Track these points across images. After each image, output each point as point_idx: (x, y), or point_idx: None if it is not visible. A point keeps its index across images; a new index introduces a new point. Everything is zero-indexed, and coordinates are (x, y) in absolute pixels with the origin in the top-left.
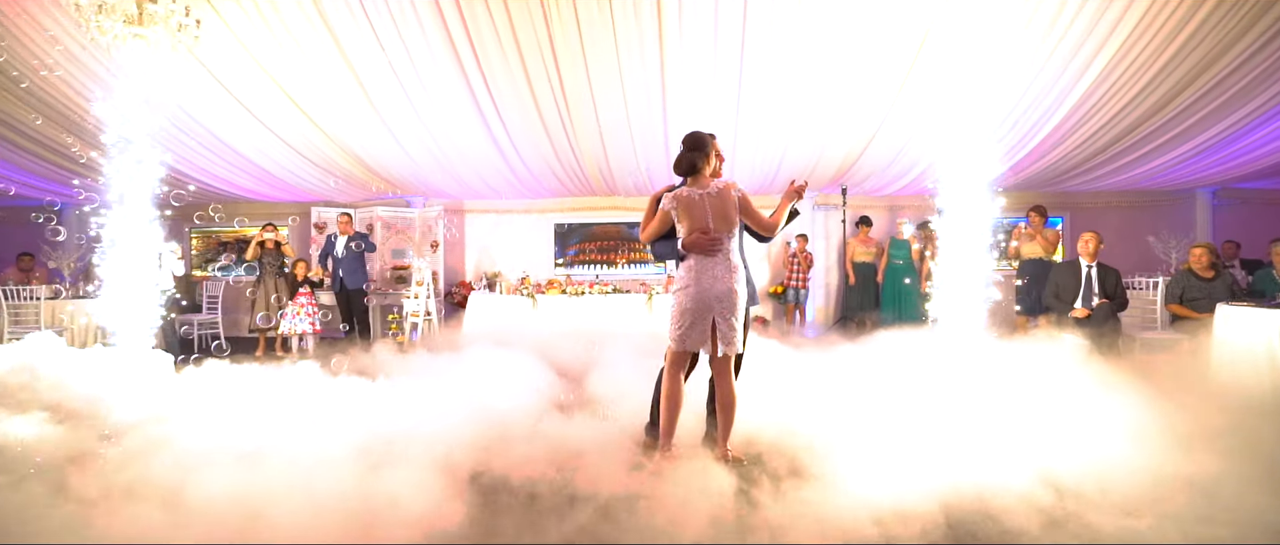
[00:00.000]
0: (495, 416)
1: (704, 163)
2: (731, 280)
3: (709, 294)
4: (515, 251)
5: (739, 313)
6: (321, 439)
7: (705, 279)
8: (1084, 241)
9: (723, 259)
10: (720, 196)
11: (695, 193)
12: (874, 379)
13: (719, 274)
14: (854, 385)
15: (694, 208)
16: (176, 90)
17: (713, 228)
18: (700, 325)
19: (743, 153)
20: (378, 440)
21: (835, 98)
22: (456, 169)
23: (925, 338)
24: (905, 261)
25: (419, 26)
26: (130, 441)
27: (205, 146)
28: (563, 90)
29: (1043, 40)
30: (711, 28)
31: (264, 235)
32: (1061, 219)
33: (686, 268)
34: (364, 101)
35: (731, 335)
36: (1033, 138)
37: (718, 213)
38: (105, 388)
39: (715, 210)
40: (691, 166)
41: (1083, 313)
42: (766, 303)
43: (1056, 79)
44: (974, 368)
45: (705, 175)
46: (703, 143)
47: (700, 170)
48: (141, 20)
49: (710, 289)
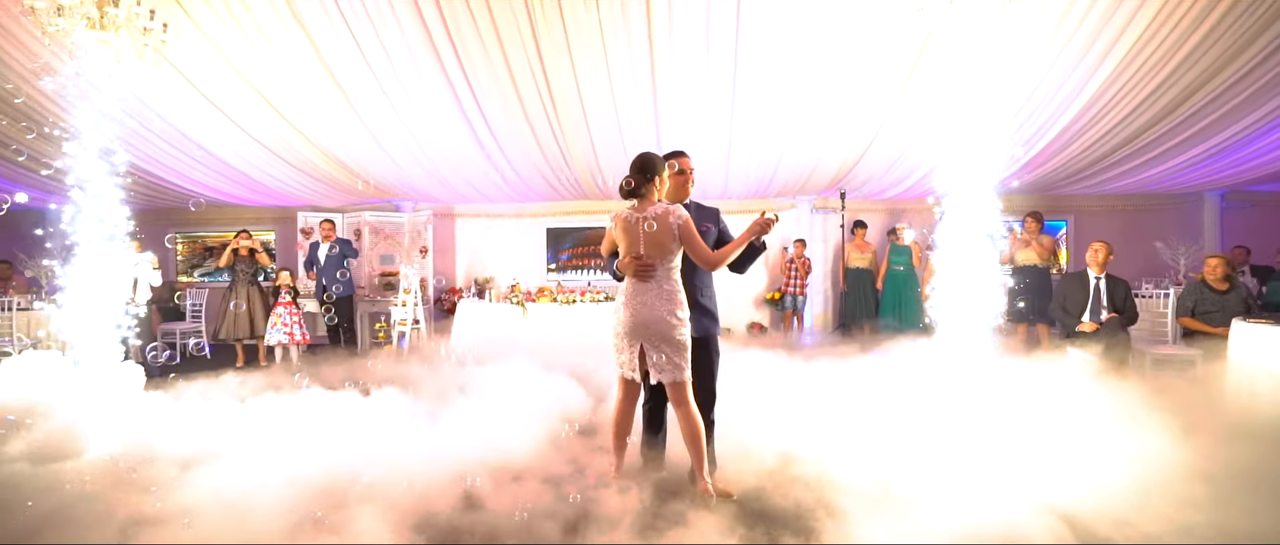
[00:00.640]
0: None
1: (647, 186)
2: (663, 308)
3: (637, 320)
4: (507, 256)
5: (676, 341)
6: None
7: (634, 304)
8: (1093, 252)
9: (655, 286)
10: (658, 221)
11: (634, 215)
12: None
13: (649, 300)
14: (853, 404)
15: (630, 231)
16: (149, 94)
17: (645, 253)
18: (630, 351)
19: (737, 156)
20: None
21: (834, 99)
22: (442, 173)
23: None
24: (906, 268)
25: (398, 26)
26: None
27: (182, 151)
28: (550, 92)
29: (1050, 41)
30: (703, 28)
31: (239, 242)
32: (1064, 223)
33: (621, 291)
34: (343, 104)
35: (665, 364)
36: (1038, 141)
37: (652, 238)
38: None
39: (650, 235)
40: (632, 189)
41: (1091, 327)
42: (763, 309)
43: (1064, 81)
44: (980, 387)
45: (650, 198)
46: (649, 165)
47: (642, 193)
48: (103, 24)
49: (638, 315)
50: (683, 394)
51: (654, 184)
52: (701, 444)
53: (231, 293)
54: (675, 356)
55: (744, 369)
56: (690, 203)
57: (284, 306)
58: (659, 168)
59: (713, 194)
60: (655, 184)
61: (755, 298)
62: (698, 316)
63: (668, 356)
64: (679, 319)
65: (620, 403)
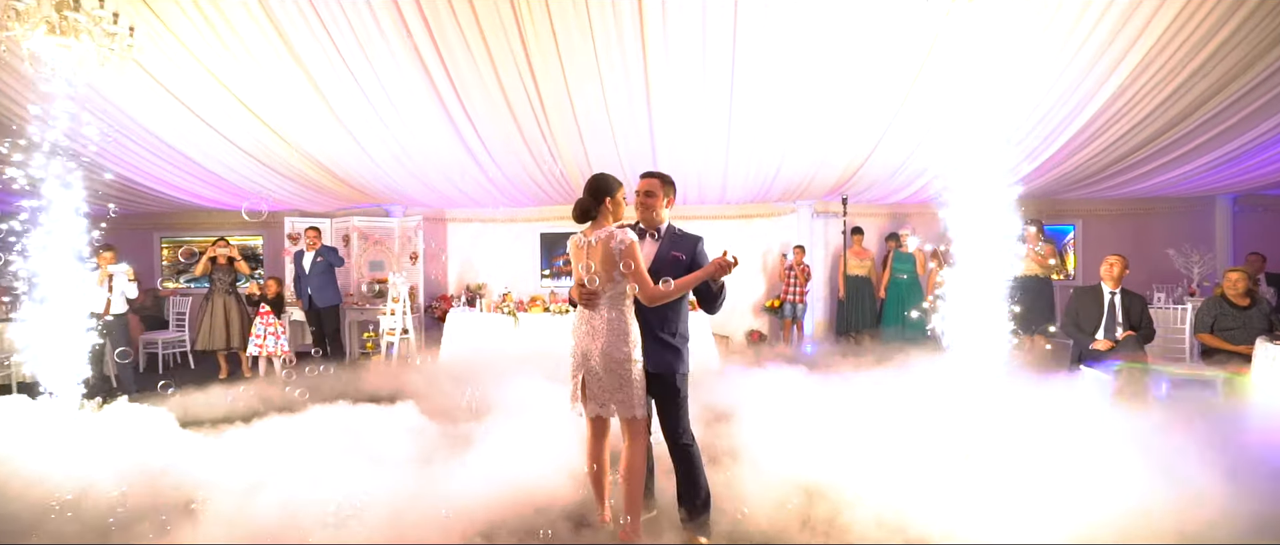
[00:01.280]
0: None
1: (598, 208)
2: (605, 339)
3: (579, 349)
4: (500, 262)
5: (619, 375)
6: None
7: (579, 332)
8: (1108, 266)
9: (598, 314)
10: (602, 246)
11: (584, 239)
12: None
13: (594, 328)
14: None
15: (579, 255)
16: (122, 99)
17: (588, 279)
18: (574, 381)
19: (736, 160)
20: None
21: (837, 102)
22: (429, 177)
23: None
24: (910, 276)
25: (377, 28)
26: None
27: (159, 156)
28: (539, 95)
29: (1063, 46)
30: (699, 29)
31: (216, 250)
32: (1071, 227)
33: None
34: (324, 110)
35: (605, 398)
36: (1049, 147)
37: (597, 263)
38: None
39: (594, 261)
40: (582, 212)
41: (1105, 345)
42: (762, 317)
43: (1076, 86)
44: (994, 411)
45: (602, 221)
46: (600, 187)
47: (592, 216)
48: (63, 29)
49: (581, 344)
50: (634, 429)
51: (605, 206)
52: (636, 485)
53: (209, 301)
54: (618, 393)
55: (742, 385)
56: (668, 227)
57: (263, 317)
58: (612, 188)
59: (711, 198)
60: (607, 206)
61: (754, 304)
62: (655, 350)
63: (610, 392)
64: (624, 352)
65: (589, 442)
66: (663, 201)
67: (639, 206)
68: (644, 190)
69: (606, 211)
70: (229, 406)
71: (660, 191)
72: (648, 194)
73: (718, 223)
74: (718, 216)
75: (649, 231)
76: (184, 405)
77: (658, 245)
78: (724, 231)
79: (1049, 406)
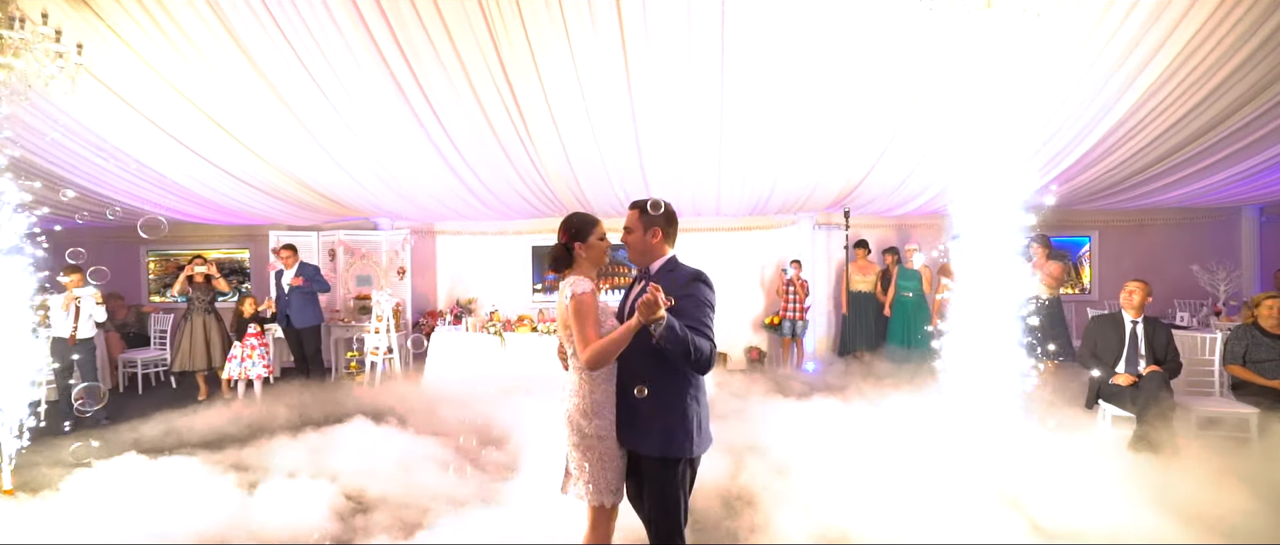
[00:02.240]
0: None
1: (570, 257)
2: (571, 405)
3: (562, 416)
4: (491, 276)
5: (582, 448)
6: None
7: (562, 394)
8: (1128, 294)
9: (569, 376)
10: (559, 295)
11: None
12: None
13: (566, 392)
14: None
15: (559, 309)
16: (92, 118)
17: (560, 335)
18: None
19: (729, 175)
20: None
21: (834, 115)
22: (411, 193)
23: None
24: (916, 293)
25: (344, 42)
26: None
27: (127, 172)
28: (520, 110)
29: (1081, 53)
30: (685, 42)
31: (193, 268)
32: (1086, 239)
33: None
34: (300, 130)
35: (573, 470)
36: (1064, 160)
37: (560, 318)
38: None
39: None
40: (555, 261)
41: (1127, 379)
42: (761, 334)
43: (1095, 95)
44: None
45: (576, 267)
46: (570, 230)
47: (567, 265)
48: (1, 48)
49: (559, 409)
50: (594, 521)
51: (577, 252)
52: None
53: (187, 320)
54: (584, 472)
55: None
56: (664, 264)
57: (254, 337)
58: (583, 231)
59: (707, 211)
60: (579, 252)
61: (753, 321)
62: (645, 420)
63: (578, 469)
64: (591, 424)
65: (587, 536)
66: (646, 235)
67: (632, 243)
68: (631, 225)
69: (581, 258)
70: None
71: (638, 225)
72: (626, 230)
73: (714, 235)
74: (714, 229)
75: (642, 273)
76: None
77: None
78: (721, 245)
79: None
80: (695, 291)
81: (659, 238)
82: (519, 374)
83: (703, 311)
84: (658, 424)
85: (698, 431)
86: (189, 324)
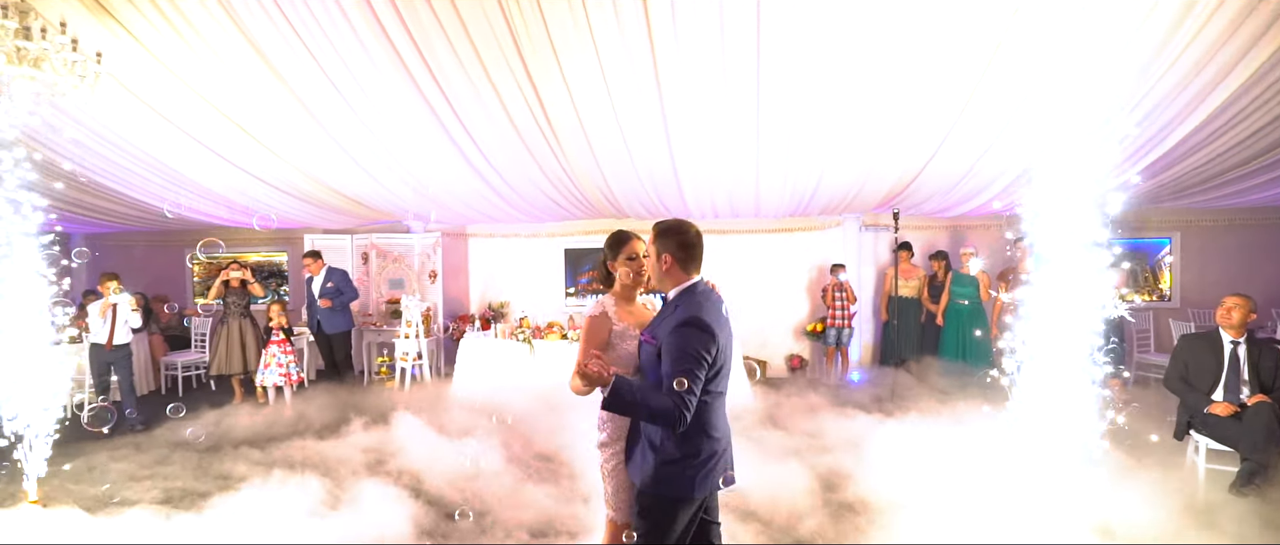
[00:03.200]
0: None
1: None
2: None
3: None
4: (524, 279)
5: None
6: None
7: None
8: (1226, 310)
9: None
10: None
11: None
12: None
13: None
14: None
15: None
16: (125, 127)
17: None
18: None
19: (768, 176)
20: None
21: (884, 106)
22: (437, 196)
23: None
24: (972, 301)
25: (359, 43)
26: None
27: (170, 180)
28: (545, 113)
29: (1165, 44)
30: (716, 35)
31: (228, 273)
32: (1167, 240)
33: None
34: (326, 138)
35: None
36: (1150, 152)
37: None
38: None
39: None
40: (600, 278)
41: (1226, 409)
42: (803, 341)
43: (1182, 89)
44: (1088, 482)
45: (615, 288)
46: (607, 245)
47: (607, 282)
48: (20, 59)
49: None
50: (609, 531)
51: (612, 270)
52: None
53: (223, 325)
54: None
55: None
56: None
57: (278, 345)
58: (611, 250)
59: (745, 212)
60: (613, 270)
61: (795, 327)
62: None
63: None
64: (599, 431)
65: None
66: (657, 260)
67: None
68: (637, 251)
69: (618, 278)
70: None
71: (652, 248)
72: (645, 253)
73: (752, 237)
74: (752, 231)
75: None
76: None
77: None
78: (760, 247)
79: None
80: (678, 339)
81: (669, 264)
82: (548, 384)
83: (682, 364)
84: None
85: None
86: (225, 328)
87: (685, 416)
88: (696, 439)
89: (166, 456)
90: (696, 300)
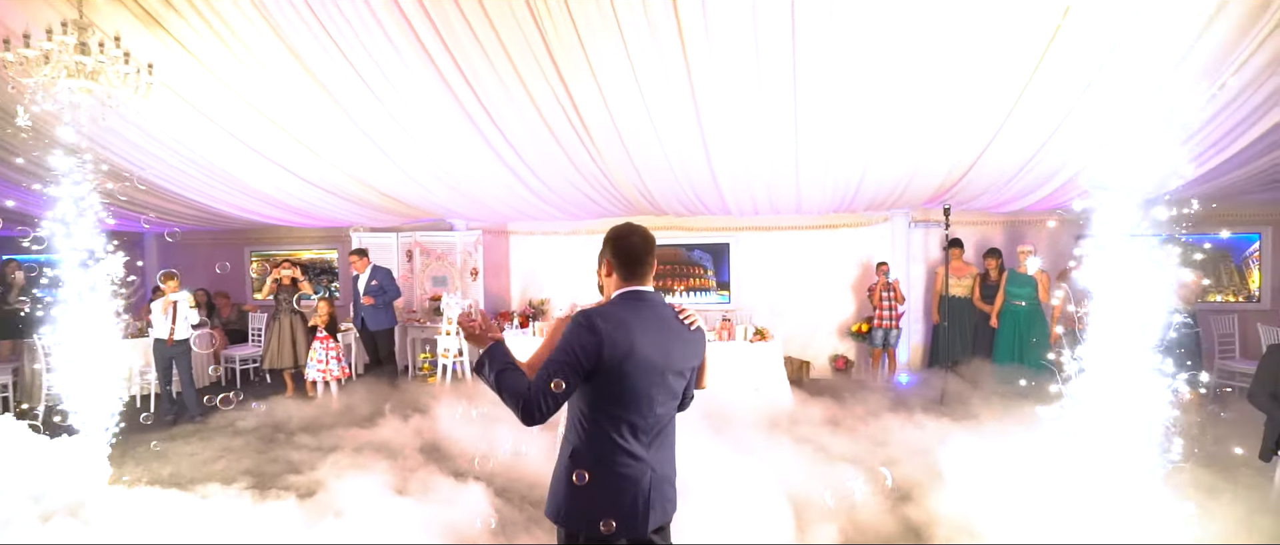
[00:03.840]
0: None
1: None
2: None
3: None
4: (564, 275)
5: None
6: None
7: None
8: None
9: None
10: None
11: None
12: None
13: None
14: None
15: None
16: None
17: None
18: None
19: (808, 171)
20: None
21: (932, 93)
22: (474, 195)
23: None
24: (1029, 303)
25: (395, 52)
26: None
27: (226, 184)
28: (576, 108)
29: (1249, 27)
30: (749, 26)
31: (280, 272)
32: (1256, 236)
33: None
34: (365, 140)
35: None
36: (1235, 141)
37: None
38: None
39: None
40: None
41: None
42: (847, 341)
43: (1270, 74)
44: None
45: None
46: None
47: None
48: (76, 72)
49: None
50: None
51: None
52: None
53: (276, 321)
54: None
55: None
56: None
57: (321, 341)
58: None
59: (786, 210)
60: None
61: (839, 327)
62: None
63: None
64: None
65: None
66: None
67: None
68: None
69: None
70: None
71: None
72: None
73: (795, 234)
74: (794, 226)
75: None
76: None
77: None
78: (804, 244)
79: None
80: (565, 332)
81: (609, 271)
82: None
83: (553, 357)
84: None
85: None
86: (277, 324)
87: (538, 412)
88: (595, 468)
89: (228, 445)
90: (617, 303)
